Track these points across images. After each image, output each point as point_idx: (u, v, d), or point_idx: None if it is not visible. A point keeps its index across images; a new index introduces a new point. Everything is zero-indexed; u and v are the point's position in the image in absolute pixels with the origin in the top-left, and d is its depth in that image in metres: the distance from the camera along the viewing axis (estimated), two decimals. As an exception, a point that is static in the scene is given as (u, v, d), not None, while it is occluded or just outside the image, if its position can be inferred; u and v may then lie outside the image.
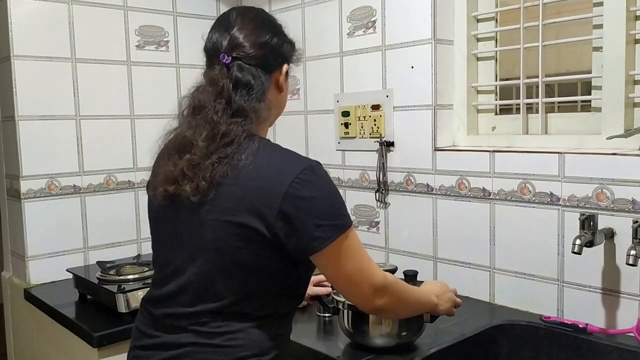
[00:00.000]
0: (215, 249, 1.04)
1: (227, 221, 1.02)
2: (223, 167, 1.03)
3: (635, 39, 1.54)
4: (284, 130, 2.41)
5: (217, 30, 1.14)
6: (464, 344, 1.47)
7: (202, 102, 1.08)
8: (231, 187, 1.03)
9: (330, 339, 1.55)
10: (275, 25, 1.18)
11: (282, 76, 1.17)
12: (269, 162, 1.05)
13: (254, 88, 1.09)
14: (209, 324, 1.05)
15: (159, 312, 1.11)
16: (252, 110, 1.08)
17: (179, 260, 1.09)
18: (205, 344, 1.04)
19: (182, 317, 1.07)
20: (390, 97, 1.96)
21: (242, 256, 1.03)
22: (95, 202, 2.20)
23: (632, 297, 1.45)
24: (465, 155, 1.78)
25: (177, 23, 2.39)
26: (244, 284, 1.05)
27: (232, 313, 1.05)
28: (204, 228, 1.04)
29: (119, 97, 2.25)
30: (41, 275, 2.09)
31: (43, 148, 2.08)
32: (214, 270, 1.05)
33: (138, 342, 1.14)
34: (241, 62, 1.09)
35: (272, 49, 1.13)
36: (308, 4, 2.24)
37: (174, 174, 1.06)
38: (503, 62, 1.90)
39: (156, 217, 1.17)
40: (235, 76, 1.08)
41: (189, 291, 1.07)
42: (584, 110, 1.76)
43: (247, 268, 1.04)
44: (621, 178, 1.44)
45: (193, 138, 1.06)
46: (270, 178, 1.02)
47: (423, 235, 1.90)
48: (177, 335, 1.07)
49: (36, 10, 2.05)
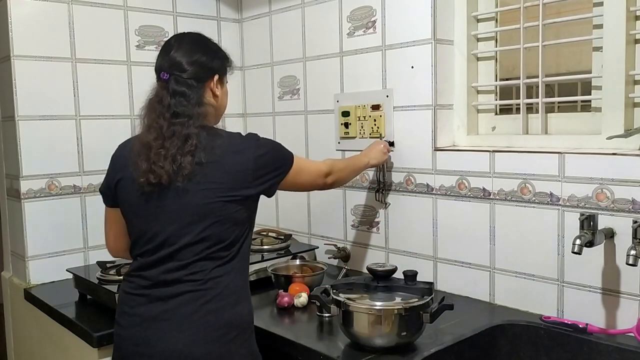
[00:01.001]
0: (211, 211, 1.35)
1: (218, 189, 1.35)
2: (197, 155, 1.34)
3: (635, 39, 1.54)
4: (284, 130, 2.41)
5: (161, 54, 1.46)
6: (464, 344, 1.47)
7: (150, 111, 1.41)
8: (212, 166, 1.35)
9: (330, 339, 1.55)
10: (206, 44, 1.50)
11: (214, 83, 1.47)
12: (230, 142, 1.40)
13: (189, 96, 1.39)
14: (198, 272, 1.35)
15: (153, 272, 1.37)
16: (191, 112, 1.38)
17: (170, 230, 1.36)
18: (199, 289, 1.34)
19: (177, 270, 1.35)
20: (390, 97, 1.96)
21: (229, 210, 1.36)
22: (95, 202, 2.18)
23: (632, 297, 1.45)
24: (465, 155, 1.78)
25: (177, 23, 2.39)
26: (230, 232, 1.37)
27: (216, 259, 1.36)
28: (200, 199, 1.34)
29: (119, 97, 2.25)
30: (41, 275, 2.09)
31: (43, 148, 2.08)
32: (207, 227, 1.35)
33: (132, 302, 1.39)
34: (177, 77, 1.40)
35: (201, 65, 1.44)
36: (308, 4, 2.24)
37: (150, 167, 1.35)
38: (503, 62, 1.90)
39: (138, 202, 1.41)
40: (172, 88, 1.39)
41: (183, 250, 1.35)
42: (584, 110, 1.76)
43: (234, 219, 1.37)
44: (621, 178, 1.44)
45: (153, 138, 1.37)
46: (238, 152, 1.39)
47: (423, 235, 1.90)
48: (175, 286, 1.35)
49: (36, 10, 2.05)
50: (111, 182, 1.49)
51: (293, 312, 1.73)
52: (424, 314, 1.38)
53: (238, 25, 2.59)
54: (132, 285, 1.41)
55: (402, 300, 1.42)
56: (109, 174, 1.51)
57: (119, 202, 1.47)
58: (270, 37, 2.44)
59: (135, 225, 1.43)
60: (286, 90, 2.38)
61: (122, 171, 1.45)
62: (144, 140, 1.38)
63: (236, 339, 1.36)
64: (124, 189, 1.44)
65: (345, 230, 2.18)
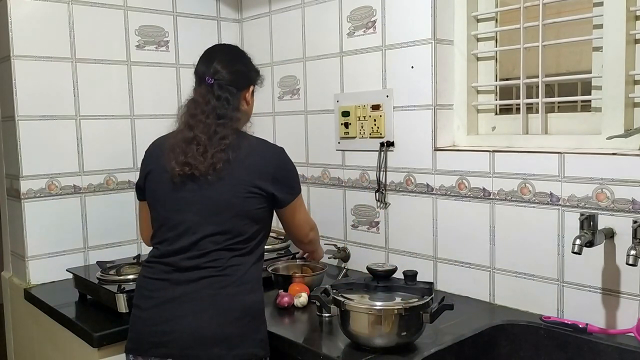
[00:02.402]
0: (232, 205, 1.46)
1: (240, 185, 1.47)
2: (227, 153, 1.46)
3: (635, 39, 1.54)
4: (284, 130, 2.41)
5: (203, 61, 1.58)
6: (464, 344, 1.47)
7: (195, 110, 1.52)
8: (237, 164, 1.47)
9: (330, 339, 1.54)
10: (244, 57, 1.65)
11: (249, 93, 1.62)
12: (257, 146, 1.54)
13: (230, 101, 1.53)
14: (218, 260, 1.45)
15: (175, 259, 1.47)
16: (231, 115, 1.52)
17: (193, 220, 1.47)
18: (218, 275, 1.44)
19: (198, 258, 1.45)
20: (390, 97, 1.96)
21: (249, 207, 1.48)
22: (95, 202, 2.20)
23: (632, 297, 1.45)
24: (465, 155, 1.78)
25: (177, 23, 2.39)
26: (248, 227, 1.48)
27: (235, 250, 1.47)
28: (223, 193, 1.46)
29: (119, 97, 2.25)
30: (41, 275, 2.09)
31: (43, 148, 2.08)
32: (227, 220, 1.46)
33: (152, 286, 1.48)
34: (220, 83, 1.53)
35: (241, 74, 1.59)
36: (308, 4, 2.24)
37: (187, 159, 1.46)
38: (503, 62, 1.90)
39: (166, 191, 1.51)
40: (217, 93, 1.52)
41: (204, 240, 1.45)
42: (584, 110, 1.76)
43: (253, 216, 1.49)
44: (621, 178, 1.44)
45: (194, 135, 1.48)
46: (263, 156, 1.53)
47: (423, 235, 1.90)
48: (195, 272, 1.45)
49: (36, 10, 2.05)
50: (142, 176, 1.61)
51: (293, 312, 1.73)
52: (424, 314, 1.38)
53: (238, 25, 2.59)
54: (152, 270, 1.51)
55: (402, 300, 1.42)
56: (141, 168, 1.63)
57: (146, 193, 1.59)
58: (270, 37, 2.44)
59: (160, 213, 1.54)
60: (286, 90, 2.38)
61: (152, 164, 1.57)
62: (187, 135, 1.49)
63: (250, 324, 1.45)
64: (152, 180, 1.56)
65: (345, 230, 2.18)
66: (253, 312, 1.46)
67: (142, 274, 1.54)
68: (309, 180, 2.30)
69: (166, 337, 1.42)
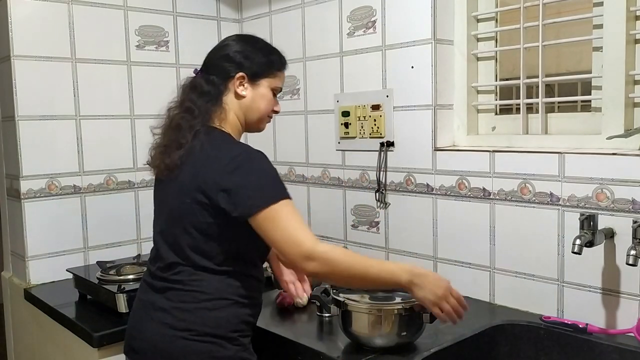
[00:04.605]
0: (181, 214, 1.33)
1: (185, 194, 1.31)
2: (181, 153, 1.32)
3: (635, 39, 1.54)
4: (284, 130, 2.41)
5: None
6: (464, 344, 1.47)
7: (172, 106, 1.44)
8: (189, 166, 1.32)
9: (330, 339, 1.55)
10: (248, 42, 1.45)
11: (236, 82, 1.40)
12: (216, 146, 1.32)
13: (209, 92, 1.38)
14: (181, 273, 1.34)
15: (151, 266, 1.42)
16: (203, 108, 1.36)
17: (161, 226, 1.40)
18: (180, 289, 1.33)
19: (163, 270, 1.37)
20: (390, 97, 1.96)
21: (196, 218, 1.31)
22: (95, 202, 2.20)
23: (632, 297, 1.45)
24: (465, 155, 1.78)
25: (177, 23, 2.39)
26: (203, 244, 1.32)
27: (198, 267, 1.33)
28: (171, 198, 1.35)
29: (119, 97, 2.25)
30: (41, 275, 2.09)
31: (43, 148, 2.08)
32: (180, 232, 1.33)
33: (140, 288, 1.46)
34: (203, 71, 1.41)
35: (227, 59, 1.40)
36: (308, 4, 2.24)
37: (154, 161, 1.40)
38: (503, 62, 1.90)
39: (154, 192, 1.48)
40: (197, 83, 1.40)
41: (167, 249, 1.36)
42: (584, 110, 1.76)
43: (204, 231, 1.31)
44: (621, 178, 1.44)
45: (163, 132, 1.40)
46: (213, 161, 1.29)
47: (423, 235, 1.90)
48: (163, 283, 1.36)
49: (36, 10, 2.05)
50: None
51: (293, 312, 1.73)
52: (424, 314, 1.38)
53: (238, 25, 2.59)
54: (145, 272, 1.48)
55: (402, 300, 1.42)
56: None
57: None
58: (270, 37, 2.43)
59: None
60: (286, 91, 2.38)
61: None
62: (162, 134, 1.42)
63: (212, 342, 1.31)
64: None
65: (345, 230, 2.18)
66: (214, 329, 1.31)
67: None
68: (309, 180, 2.30)
69: (137, 343, 1.38)
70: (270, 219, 1.24)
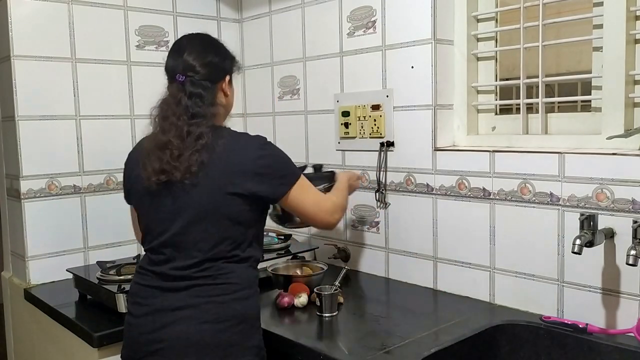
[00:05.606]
0: (213, 210, 1.39)
1: (217, 187, 1.39)
2: (202, 154, 1.38)
3: (635, 39, 1.54)
4: (284, 130, 2.41)
5: (172, 55, 1.49)
6: (464, 344, 1.47)
7: (166, 112, 1.43)
8: (213, 166, 1.39)
9: (331, 339, 1.55)
10: (217, 45, 1.54)
11: (225, 84, 1.52)
12: (234, 142, 1.43)
13: (204, 97, 1.44)
14: (208, 269, 1.40)
15: (163, 269, 1.42)
16: (205, 112, 1.43)
17: (174, 228, 1.41)
18: (210, 284, 1.39)
19: (186, 269, 1.40)
20: (390, 97, 1.96)
21: (231, 210, 1.40)
22: (95, 202, 2.20)
23: (632, 297, 1.45)
24: (465, 155, 1.78)
25: (177, 23, 2.39)
26: (232, 232, 1.41)
27: (226, 258, 1.41)
28: (198, 198, 1.39)
29: (119, 97, 2.25)
30: (41, 275, 2.09)
31: (43, 148, 2.08)
32: (210, 226, 1.39)
33: (144, 294, 1.44)
34: (192, 78, 1.44)
35: (214, 66, 1.48)
36: (308, 4, 2.24)
37: (162, 166, 1.39)
38: (503, 62, 1.90)
39: (145, 199, 1.47)
40: (189, 90, 1.43)
41: (190, 248, 1.40)
42: (584, 110, 1.76)
43: (237, 219, 1.41)
44: (621, 178, 1.44)
45: (167, 139, 1.40)
46: (237, 153, 1.41)
47: (423, 235, 1.90)
48: (185, 281, 1.39)
49: (36, 10, 2.05)
50: (126, 181, 1.57)
51: (293, 312, 1.73)
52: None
53: (238, 25, 2.59)
54: (143, 277, 1.46)
55: None
56: (125, 173, 1.58)
57: (132, 198, 1.56)
58: (270, 37, 2.44)
59: (145, 221, 1.50)
60: (286, 90, 2.38)
61: (134, 170, 1.50)
62: (161, 140, 1.41)
63: (244, 331, 1.40)
64: (136, 186, 1.50)
65: (345, 230, 2.18)
66: (246, 319, 1.41)
67: (135, 280, 1.50)
68: (309, 180, 2.30)
69: (159, 344, 1.38)
70: (299, 193, 1.48)
